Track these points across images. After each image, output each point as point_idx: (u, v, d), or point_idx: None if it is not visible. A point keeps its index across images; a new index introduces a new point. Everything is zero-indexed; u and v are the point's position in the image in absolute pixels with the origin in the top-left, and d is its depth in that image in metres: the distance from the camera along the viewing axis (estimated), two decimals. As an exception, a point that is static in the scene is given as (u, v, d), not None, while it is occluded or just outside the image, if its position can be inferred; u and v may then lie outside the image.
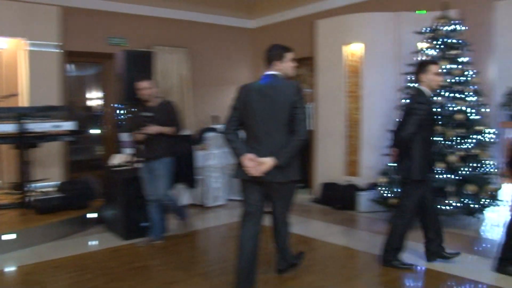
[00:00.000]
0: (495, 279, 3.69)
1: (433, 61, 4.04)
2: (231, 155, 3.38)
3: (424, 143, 3.78)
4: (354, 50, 6.56)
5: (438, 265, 3.99)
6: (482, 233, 5.05)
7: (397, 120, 4.35)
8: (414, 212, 3.89)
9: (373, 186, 6.11)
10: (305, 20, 7.81)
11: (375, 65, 6.42)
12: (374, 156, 6.29)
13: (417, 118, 3.66)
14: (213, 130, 7.13)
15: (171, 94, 7.62)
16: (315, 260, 4.22)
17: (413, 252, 4.21)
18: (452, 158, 5.09)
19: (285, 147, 3.18)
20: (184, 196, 6.38)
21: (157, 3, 7.83)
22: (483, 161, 5.20)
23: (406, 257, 4.03)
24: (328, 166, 6.87)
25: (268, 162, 3.15)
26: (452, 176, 5.10)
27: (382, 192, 5.58)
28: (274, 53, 3.37)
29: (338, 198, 6.43)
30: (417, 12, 6.23)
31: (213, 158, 6.64)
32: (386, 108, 6.26)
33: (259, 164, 3.15)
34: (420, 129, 3.69)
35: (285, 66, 3.39)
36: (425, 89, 3.85)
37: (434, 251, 4.04)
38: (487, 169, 5.21)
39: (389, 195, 5.45)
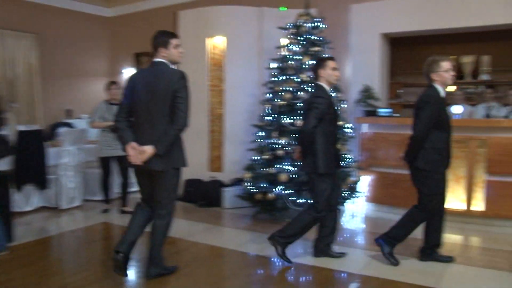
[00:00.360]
0: (360, 268, 3.78)
1: (330, 57, 4.04)
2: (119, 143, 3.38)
3: (327, 137, 3.76)
4: (217, 43, 6.38)
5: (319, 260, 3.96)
6: (342, 224, 5.21)
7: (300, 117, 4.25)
8: (326, 208, 3.80)
9: (238, 182, 6.00)
10: (167, 10, 7.44)
11: (237, 59, 6.32)
12: (238, 151, 6.19)
13: (318, 112, 3.64)
14: (67, 125, 6.40)
15: (17, 85, 6.67)
16: (182, 262, 3.88)
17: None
18: (315, 152, 5.17)
19: (164, 136, 3.19)
20: (34, 198, 5.63)
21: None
22: (343, 155, 5.38)
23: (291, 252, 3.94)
24: (191, 162, 6.54)
25: (147, 150, 3.18)
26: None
27: (247, 187, 5.47)
28: (159, 40, 3.35)
29: (202, 194, 6.19)
30: (279, 9, 6.28)
31: (67, 156, 5.92)
32: (249, 103, 6.21)
33: (140, 153, 3.19)
34: (321, 123, 3.68)
35: (171, 53, 3.36)
36: (324, 84, 3.85)
37: (322, 249, 4.01)
38: (347, 163, 5.40)
39: (254, 190, 5.35)
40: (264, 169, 5.33)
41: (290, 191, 5.12)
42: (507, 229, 4.86)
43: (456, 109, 5.65)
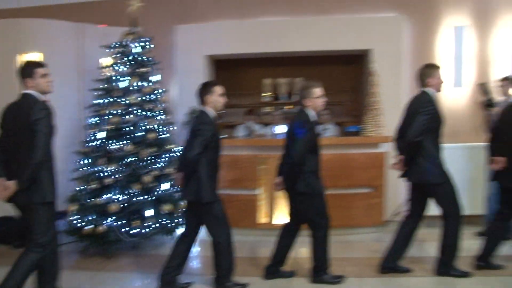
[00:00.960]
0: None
1: (216, 82, 3.96)
2: None
3: (210, 164, 3.68)
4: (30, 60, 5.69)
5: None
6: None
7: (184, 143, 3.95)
8: (228, 233, 3.75)
9: (59, 215, 5.39)
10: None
11: (55, 79, 5.71)
12: (59, 182, 5.58)
13: (203, 139, 3.58)
14: None
15: None
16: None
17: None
18: (147, 178, 4.95)
19: (24, 170, 3.15)
20: None
21: None
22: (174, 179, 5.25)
23: None
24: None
25: (11, 185, 3.16)
26: (148, 197, 4.96)
27: (72, 221, 4.94)
28: (25, 71, 3.34)
29: (18, 233, 5.38)
30: (99, 26, 5.92)
31: None
32: (70, 128, 5.67)
33: (4, 188, 3.17)
34: (205, 150, 3.58)
35: (38, 83, 3.35)
36: (210, 110, 3.77)
37: (169, 281, 3.81)
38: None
39: (82, 224, 4.85)
40: (91, 199, 4.88)
41: (122, 222, 4.79)
42: (338, 237, 5.24)
43: (279, 129, 6.01)
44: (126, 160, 4.94)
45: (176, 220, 5.15)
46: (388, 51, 6.09)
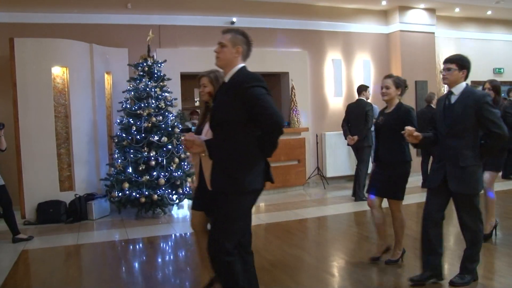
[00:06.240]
0: None
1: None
2: None
3: None
4: (58, 73, 6.99)
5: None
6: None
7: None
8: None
9: (91, 196, 6.96)
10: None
11: (76, 88, 7.13)
12: (87, 170, 7.13)
13: None
14: None
15: None
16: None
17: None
18: (177, 159, 7.01)
19: None
20: None
21: None
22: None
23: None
24: (41, 184, 6.82)
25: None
26: (181, 172, 7.01)
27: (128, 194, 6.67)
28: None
29: (67, 212, 6.76)
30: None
31: None
32: (88, 126, 7.27)
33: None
34: None
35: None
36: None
37: None
38: None
39: (136, 196, 6.63)
40: (141, 177, 6.69)
41: (168, 191, 6.79)
42: (281, 193, 8.24)
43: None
44: (164, 148, 6.89)
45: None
46: (298, 73, 9.32)
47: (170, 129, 7.04)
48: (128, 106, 6.98)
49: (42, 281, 4.31)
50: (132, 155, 6.75)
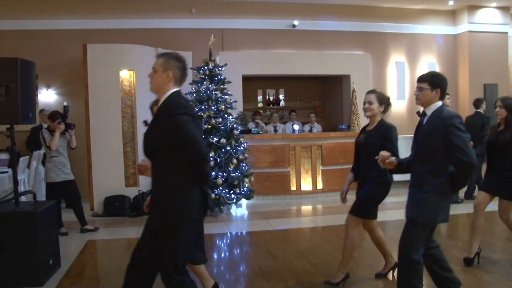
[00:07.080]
0: None
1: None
2: None
3: None
4: (125, 76, 7.42)
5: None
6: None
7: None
8: None
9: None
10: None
11: (143, 91, 7.49)
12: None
13: None
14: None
15: None
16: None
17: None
18: (236, 160, 7.18)
19: None
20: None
21: None
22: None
23: None
24: (108, 181, 7.26)
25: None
26: (239, 173, 7.19)
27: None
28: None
29: (131, 207, 7.14)
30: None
31: None
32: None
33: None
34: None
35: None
36: None
37: None
38: None
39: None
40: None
41: (225, 190, 6.98)
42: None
43: (296, 126, 8.69)
44: (223, 149, 7.09)
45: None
46: (360, 75, 9.23)
47: (229, 131, 7.25)
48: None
49: (102, 268, 4.65)
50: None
